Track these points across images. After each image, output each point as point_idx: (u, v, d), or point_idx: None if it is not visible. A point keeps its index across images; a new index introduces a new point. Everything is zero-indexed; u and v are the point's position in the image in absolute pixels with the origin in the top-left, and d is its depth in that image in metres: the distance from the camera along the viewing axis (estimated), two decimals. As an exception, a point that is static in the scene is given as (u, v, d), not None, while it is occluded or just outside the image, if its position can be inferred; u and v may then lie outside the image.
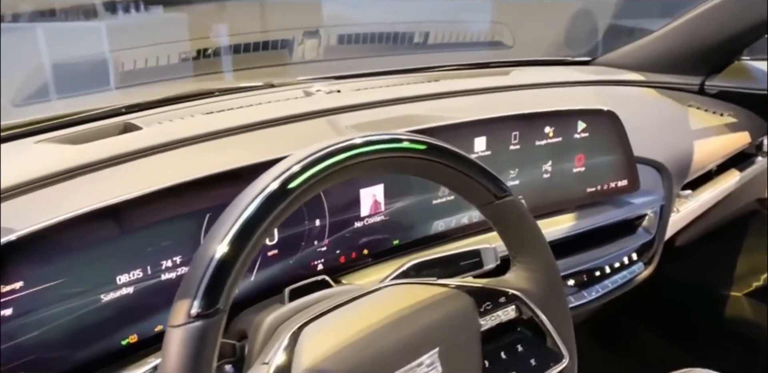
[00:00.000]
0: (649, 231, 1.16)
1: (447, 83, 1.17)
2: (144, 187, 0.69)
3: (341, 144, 0.57)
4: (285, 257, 0.82)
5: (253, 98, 1.03)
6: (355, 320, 0.65)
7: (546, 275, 0.74)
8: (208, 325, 0.50)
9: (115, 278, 0.69)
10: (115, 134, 0.88)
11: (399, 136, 0.61)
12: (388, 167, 0.63)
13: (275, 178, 0.54)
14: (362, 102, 1.01)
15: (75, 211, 0.66)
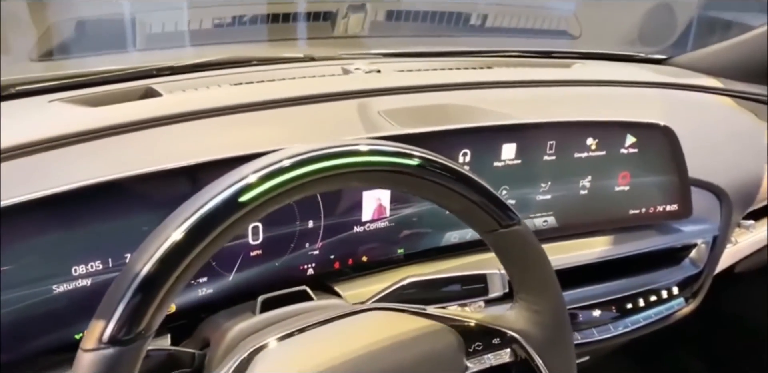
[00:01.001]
0: (696, 264, 1.03)
1: (500, 72, 1.06)
2: (143, 162, 0.64)
3: (313, 153, 0.48)
4: (270, 259, 0.75)
5: (286, 72, 0.95)
6: (322, 348, 0.57)
7: (552, 318, 0.64)
8: (121, 353, 0.43)
9: (71, 268, 0.63)
10: (134, 99, 0.81)
11: (385, 147, 0.51)
12: (372, 182, 0.53)
13: (226, 188, 0.46)
14: (402, 85, 0.91)
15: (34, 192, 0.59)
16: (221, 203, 0.45)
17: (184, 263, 0.44)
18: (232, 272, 0.73)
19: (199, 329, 0.71)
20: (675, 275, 1.01)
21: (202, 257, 0.45)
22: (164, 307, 0.45)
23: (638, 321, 0.96)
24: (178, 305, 0.70)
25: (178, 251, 0.44)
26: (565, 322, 0.64)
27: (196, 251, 0.45)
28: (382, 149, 0.51)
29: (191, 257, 0.45)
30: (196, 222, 0.45)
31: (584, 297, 0.93)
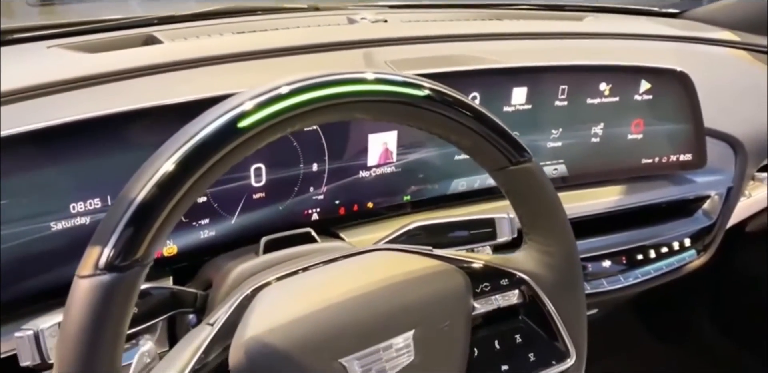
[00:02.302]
0: (709, 215, 1.01)
1: (510, 24, 1.03)
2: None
3: (315, 79, 0.46)
4: (273, 202, 0.73)
5: (290, 21, 0.92)
6: (325, 287, 0.55)
7: (563, 259, 0.62)
8: (118, 280, 0.42)
9: (69, 205, 0.61)
10: (134, 46, 0.79)
11: (393, 77, 0.49)
12: (378, 114, 0.51)
13: (223, 113, 0.44)
14: (409, 36, 0.88)
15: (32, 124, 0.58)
16: (218, 129, 0.43)
17: (182, 189, 0.43)
18: (234, 214, 0.71)
19: (201, 271, 0.70)
20: (687, 226, 0.99)
21: (199, 186, 0.43)
22: (162, 235, 0.43)
23: (649, 272, 0.94)
24: (179, 246, 0.69)
25: (176, 176, 0.42)
26: (576, 264, 0.63)
27: (193, 179, 0.43)
28: (389, 78, 0.49)
29: (189, 185, 0.43)
30: (193, 148, 0.43)
31: (595, 248, 0.92)
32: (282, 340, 0.49)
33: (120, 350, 0.43)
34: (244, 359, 0.48)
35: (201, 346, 0.50)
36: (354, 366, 0.51)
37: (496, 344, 0.62)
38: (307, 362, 0.49)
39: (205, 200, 0.69)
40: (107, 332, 0.42)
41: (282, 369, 0.49)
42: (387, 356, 0.53)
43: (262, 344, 0.49)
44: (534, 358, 0.62)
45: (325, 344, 0.51)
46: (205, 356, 0.49)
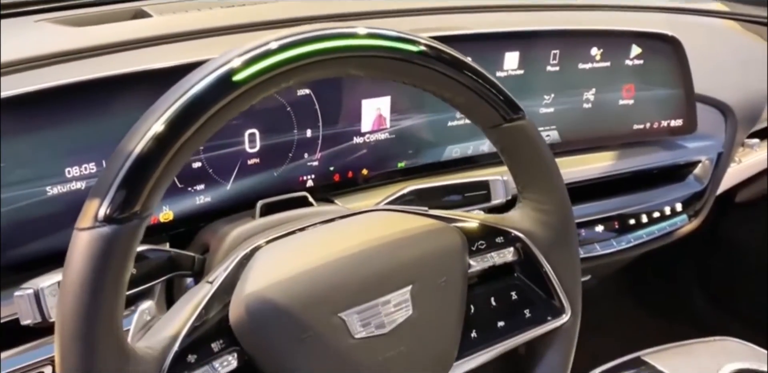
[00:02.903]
0: (700, 180, 1.02)
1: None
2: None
3: (308, 34, 0.46)
4: (268, 168, 0.73)
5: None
6: (323, 245, 0.56)
7: (557, 217, 0.62)
8: (117, 232, 0.42)
9: (64, 170, 0.61)
10: (123, 20, 0.78)
11: (386, 31, 0.49)
12: (371, 70, 0.51)
13: (218, 67, 0.44)
14: (398, 8, 0.88)
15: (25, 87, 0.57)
16: (213, 82, 0.43)
17: (178, 142, 0.43)
18: (229, 180, 0.71)
19: (198, 236, 0.70)
20: (679, 192, 1.00)
21: (195, 139, 0.43)
22: (159, 188, 0.43)
23: (641, 237, 0.95)
24: (175, 212, 0.69)
25: (172, 129, 0.42)
26: (570, 221, 0.63)
27: (190, 132, 0.43)
28: (383, 33, 0.49)
29: (185, 137, 0.43)
30: (189, 100, 0.43)
31: (587, 213, 0.93)
32: (282, 295, 0.50)
33: (121, 303, 0.44)
34: (244, 314, 0.49)
35: (201, 303, 0.50)
36: (353, 320, 0.52)
37: (492, 302, 0.63)
38: (308, 316, 0.50)
39: (200, 165, 0.69)
40: (108, 283, 0.42)
41: (282, 323, 0.49)
42: (386, 311, 0.53)
43: (262, 299, 0.49)
44: (530, 314, 0.63)
45: (325, 299, 0.51)
46: (205, 313, 0.49)
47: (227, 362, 0.49)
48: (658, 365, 0.89)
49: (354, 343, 0.52)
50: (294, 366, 0.50)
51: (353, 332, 0.52)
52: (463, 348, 0.59)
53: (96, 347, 0.42)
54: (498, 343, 0.61)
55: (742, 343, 0.93)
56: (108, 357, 0.43)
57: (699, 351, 0.93)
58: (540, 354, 0.64)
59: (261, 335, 0.49)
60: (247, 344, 0.49)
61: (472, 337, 0.61)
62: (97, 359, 0.42)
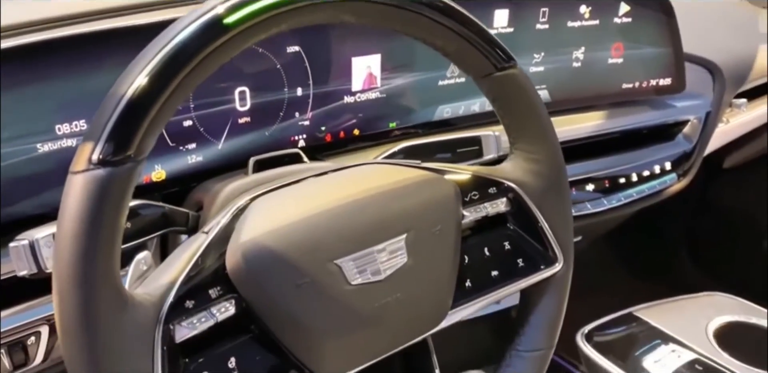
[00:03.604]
0: (689, 139, 1.02)
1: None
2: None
3: None
4: (259, 127, 0.73)
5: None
6: (318, 195, 0.56)
7: (549, 167, 0.63)
8: (112, 174, 0.42)
9: (54, 126, 0.61)
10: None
11: None
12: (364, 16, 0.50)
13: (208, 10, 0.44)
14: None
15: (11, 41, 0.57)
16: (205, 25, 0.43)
17: (172, 85, 0.42)
18: (221, 139, 0.71)
19: (191, 194, 0.70)
20: (668, 151, 1.01)
21: (188, 82, 0.43)
22: (153, 130, 0.43)
23: (631, 196, 0.96)
24: (168, 172, 0.69)
25: (165, 71, 0.42)
26: (562, 170, 0.64)
27: (182, 74, 0.43)
28: None
29: (178, 80, 0.42)
30: (181, 42, 0.42)
31: (578, 172, 0.93)
32: (277, 242, 0.50)
33: (117, 247, 0.44)
34: (241, 261, 0.49)
35: (197, 252, 0.50)
36: (349, 267, 0.52)
37: (485, 252, 0.63)
38: (304, 262, 0.50)
39: (191, 123, 0.68)
40: (104, 226, 0.42)
41: (279, 270, 0.50)
42: (381, 258, 0.54)
43: (258, 246, 0.50)
44: (523, 264, 0.64)
45: (320, 246, 0.51)
46: (201, 261, 0.50)
47: (225, 309, 0.49)
48: (650, 320, 0.91)
49: (350, 289, 0.52)
50: (291, 312, 0.50)
51: (349, 278, 0.52)
52: (457, 297, 0.60)
53: (94, 290, 0.42)
54: (492, 292, 0.62)
55: (730, 297, 0.95)
56: (106, 301, 0.43)
57: (689, 306, 0.94)
58: (534, 303, 0.65)
59: (258, 282, 0.49)
60: (245, 291, 0.50)
61: (467, 286, 0.61)
62: (96, 301, 0.42)
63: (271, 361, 0.52)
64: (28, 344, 0.63)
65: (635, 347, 0.87)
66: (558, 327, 0.66)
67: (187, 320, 0.47)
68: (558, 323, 0.66)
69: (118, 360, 0.44)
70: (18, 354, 0.62)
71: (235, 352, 0.50)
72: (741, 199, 1.53)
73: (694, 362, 0.83)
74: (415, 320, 0.57)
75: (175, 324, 0.47)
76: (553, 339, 0.66)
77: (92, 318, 0.43)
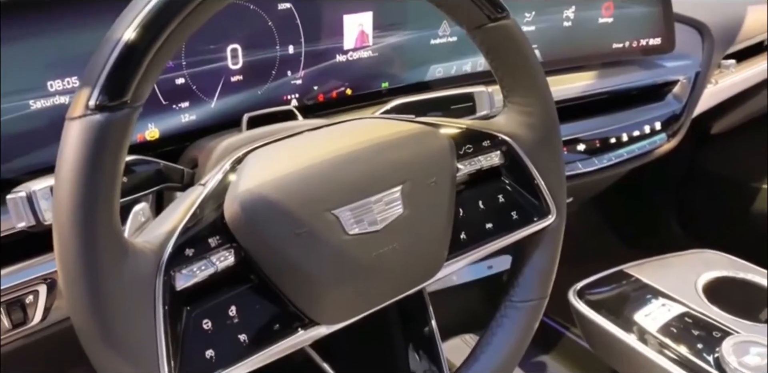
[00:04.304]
0: (679, 99, 1.03)
1: None
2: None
3: None
4: (251, 86, 0.73)
5: None
6: (312, 147, 0.56)
7: (542, 119, 0.63)
8: (109, 120, 0.42)
9: (46, 83, 0.60)
10: None
11: None
12: None
13: None
14: None
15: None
16: None
17: (167, 30, 0.42)
18: (213, 98, 0.71)
19: (185, 153, 0.70)
20: (658, 111, 1.02)
21: (184, 28, 0.43)
22: (150, 76, 0.43)
23: (621, 155, 0.97)
24: (161, 130, 0.69)
25: (160, 16, 0.42)
26: (555, 123, 0.64)
27: (178, 19, 0.42)
28: None
29: (174, 25, 0.42)
30: None
31: (569, 132, 0.94)
32: (275, 192, 0.50)
33: (117, 195, 0.44)
34: (239, 210, 0.49)
35: (195, 202, 0.50)
36: (347, 217, 0.53)
37: (480, 205, 0.64)
38: (302, 212, 0.51)
39: (183, 81, 0.68)
40: (103, 172, 0.42)
41: (277, 219, 0.50)
42: (378, 208, 0.54)
43: (256, 196, 0.50)
44: (516, 216, 0.64)
45: (318, 196, 0.52)
46: (199, 212, 0.50)
47: (224, 258, 0.50)
48: (641, 277, 0.92)
49: (348, 239, 0.53)
50: (290, 261, 0.51)
51: (347, 228, 0.53)
52: (453, 249, 0.61)
53: (95, 237, 0.43)
54: (486, 244, 0.63)
55: (719, 254, 0.96)
56: (107, 248, 0.43)
57: (679, 263, 0.96)
58: (527, 255, 0.66)
59: (256, 231, 0.50)
60: (243, 240, 0.50)
61: (462, 238, 0.62)
62: (97, 248, 0.43)
63: (271, 310, 0.52)
64: (27, 302, 0.63)
65: (626, 302, 0.89)
66: (551, 278, 0.67)
67: (187, 268, 0.48)
68: (551, 274, 0.67)
69: (120, 307, 0.44)
70: (16, 313, 0.63)
71: (236, 301, 0.51)
72: (728, 164, 1.54)
73: (683, 315, 0.85)
74: (412, 270, 0.58)
75: (175, 272, 0.47)
76: (546, 289, 0.67)
77: (93, 265, 0.43)
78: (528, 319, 0.66)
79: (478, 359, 0.64)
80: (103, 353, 0.45)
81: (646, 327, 0.84)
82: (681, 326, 0.83)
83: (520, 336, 0.65)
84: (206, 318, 0.49)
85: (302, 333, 0.53)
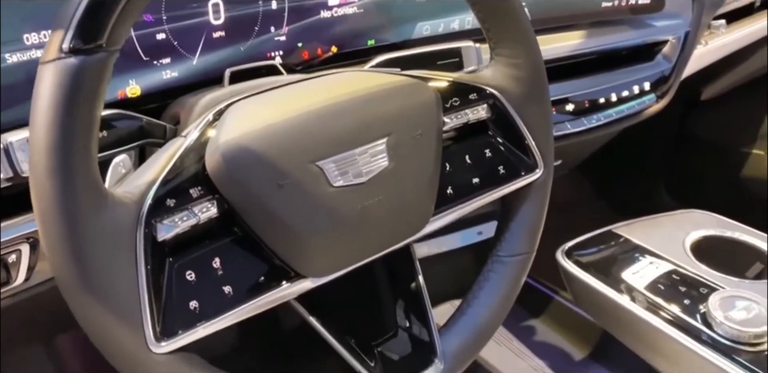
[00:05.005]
0: (668, 59, 1.02)
1: None
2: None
3: None
4: (234, 42, 0.71)
5: None
6: (295, 99, 0.55)
7: (528, 71, 0.62)
8: (83, 63, 0.41)
9: (22, 36, 0.59)
10: None
11: None
12: None
13: None
14: None
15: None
16: None
17: None
18: (195, 54, 0.69)
19: (167, 109, 0.69)
20: (647, 71, 1.01)
21: None
22: (125, 19, 0.42)
23: (611, 115, 0.96)
24: (143, 87, 0.68)
25: None
26: (542, 75, 0.63)
27: None
28: None
29: None
30: None
31: (558, 93, 0.93)
32: (258, 143, 0.49)
33: (94, 141, 0.43)
34: (221, 160, 0.48)
35: (175, 154, 0.50)
36: (331, 169, 0.52)
37: (467, 159, 0.63)
38: (285, 163, 0.50)
39: (164, 37, 0.67)
40: (79, 117, 0.41)
41: (260, 170, 0.49)
42: (363, 161, 0.53)
43: (238, 146, 0.49)
44: (503, 171, 0.64)
45: (301, 148, 0.51)
46: (180, 163, 0.49)
47: (206, 209, 0.49)
48: (628, 236, 0.92)
49: (332, 191, 0.52)
50: (274, 212, 0.50)
51: (331, 180, 0.52)
52: (439, 203, 0.60)
53: (73, 183, 0.42)
54: (473, 199, 0.62)
55: (708, 214, 0.97)
56: (86, 196, 0.43)
57: (667, 222, 0.96)
58: (515, 210, 0.66)
59: (238, 181, 0.49)
60: (226, 191, 0.49)
61: (448, 193, 0.62)
62: (75, 194, 0.42)
63: (256, 262, 0.52)
64: (10, 262, 0.62)
65: (613, 261, 0.89)
66: (538, 233, 0.67)
67: (169, 219, 0.47)
68: (538, 228, 0.67)
69: (101, 256, 0.44)
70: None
71: (220, 253, 0.50)
72: (718, 129, 1.54)
73: (671, 272, 0.85)
74: (398, 224, 0.58)
75: (156, 222, 0.47)
76: (533, 244, 0.66)
77: (71, 212, 0.42)
78: (515, 273, 0.65)
79: (465, 313, 0.64)
80: (84, 303, 0.44)
81: (634, 285, 0.84)
82: (668, 284, 0.83)
83: (507, 291, 0.65)
84: (189, 270, 0.49)
85: (287, 286, 0.53)
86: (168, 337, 0.46)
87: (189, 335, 0.47)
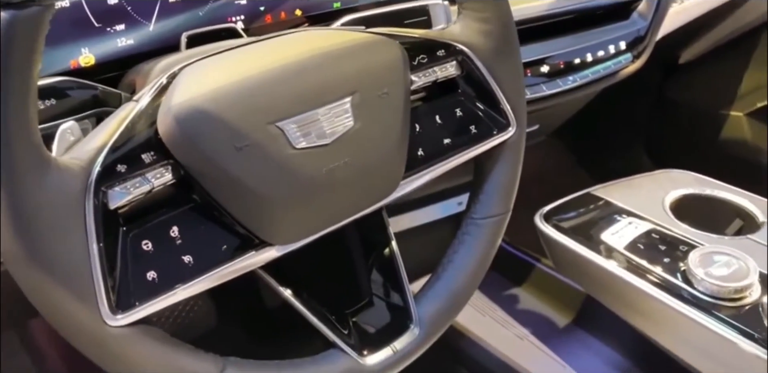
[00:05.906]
0: (644, 17, 1.00)
1: None
2: None
3: None
4: (192, 6, 0.68)
5: None
6: (253, 59, 0.52)
7: (499, 26, 0.60)
8: (15, 16, 0.38)
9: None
10: None
11: None
12: None
13: None
14: None
15: None
16: None
17: None
18: (151, 20, 0.66)
19: (124, 78, 0.66)
20: (623, 30, 0.98)
21: None
22: None
23: (586, 76, 0.94)
24: (97, 56, 0.65)
25: None
26: (512, 30, 0.61)
27: None
28: None
29: None
30: None
31: (532, 54, 0.90)
32: (212, 104, 0.47)
33: (32, 103, 0.41)
34: (173, 123, 0.46)
35: (126, 119, 0.47)
36: (292, 130, 0.49)
37: (437, 120, 0.61)
38: (242, 125, 0.47)
39: (117, 2, 0.64)
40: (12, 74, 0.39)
41: (215, 132, 0.47)
42: (326, 121, 0.51)
43: (191, 108, 0.46)
44: (475, 130, 0.62)
45: (259, 108, 0.49)
46: (132, 127, 0.47)
47: (161, 174, 0.47)
48: (607, 197, 0.91)
49: (295, 153, 0.50)
50: (234, 177, 0.48)
51: (293, 142, 0.49)
52: (410, 166, 0.58)
53: (10, 145, 0.39)
54: (445, 160, 0.60)
55: (686, 173, 0.95)
56: (26, 160, 0.40)
57: (646, 183, 0.95)
58: (488, 170, 0.64)
59: (193, 145, 0.46)
60: (180, 156, 0.47)
61: (419, 155, 0.59)
62: (13, 157, 0.39)
63: (217, 230, 0.50)
64: None
65: (593, 222, 0.88)
66: (513, 193, 0.65)
67: (121, 185, 0.45)
68: (513, 188, 0.65)
69: (47, 225, 0.42)
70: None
71: (178, 221, 0.48)
72: (696, 93, 1.53)
73: (650, 231, 0.84)
74: (367, 187, 0.56)
75: (107, 189, 0.44)
76: (508, 204, 0.65)
77: (10, 178, 0.40)
78: (490, 236, 0.64)
79: (440, 277, 0.63)
80: (31, 277, 0.42)
81: (614, 245, 0.83)
82: (648, 243, 0.82)
83: (483, 253, 0.64)
84: (146, 239, 0.46)
85: (252, 254, 0.51)
86: (124, 310, 0.44)
87: (147, 306, 0.45)
